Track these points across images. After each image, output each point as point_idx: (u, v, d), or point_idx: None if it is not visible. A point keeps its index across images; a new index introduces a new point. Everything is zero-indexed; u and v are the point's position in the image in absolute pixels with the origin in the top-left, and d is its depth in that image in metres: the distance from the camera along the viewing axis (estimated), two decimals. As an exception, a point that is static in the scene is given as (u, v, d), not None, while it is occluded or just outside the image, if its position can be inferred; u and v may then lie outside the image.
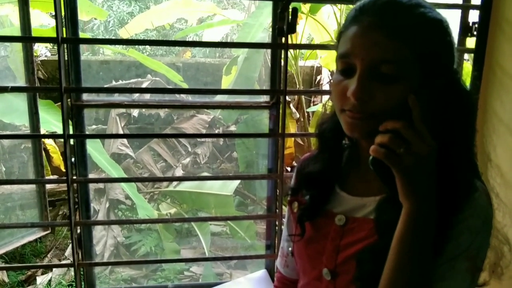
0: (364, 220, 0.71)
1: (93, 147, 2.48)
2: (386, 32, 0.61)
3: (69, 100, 1.31)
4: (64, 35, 1.25)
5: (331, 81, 0.70)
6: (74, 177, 1.35)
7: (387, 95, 0.62)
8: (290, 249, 0.86)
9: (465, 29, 1.41)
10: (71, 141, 1.34)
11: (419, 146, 0.58)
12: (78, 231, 1.40)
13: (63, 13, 1.24)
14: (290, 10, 1.27)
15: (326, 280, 0.74)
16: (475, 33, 1.39)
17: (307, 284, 0.80)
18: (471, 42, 1.43)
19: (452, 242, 0.63)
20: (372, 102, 0.62)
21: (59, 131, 2.27)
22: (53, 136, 2.41)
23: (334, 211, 0.75)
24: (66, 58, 1.27)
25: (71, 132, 1.32)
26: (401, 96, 0.62)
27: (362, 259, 0.67)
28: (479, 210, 0.64)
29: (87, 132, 1.43)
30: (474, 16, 1.40)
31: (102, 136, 3.30)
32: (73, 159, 1.34)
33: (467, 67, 1.77)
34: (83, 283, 1.46)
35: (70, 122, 1.33)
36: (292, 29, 1.29)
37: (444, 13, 0.66)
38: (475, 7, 1.39)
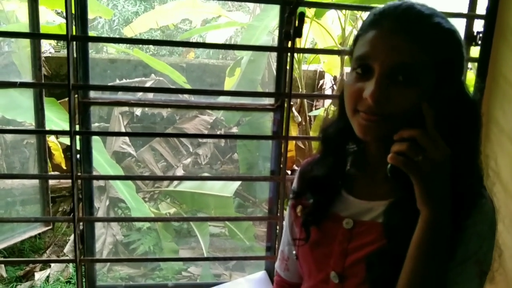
0: (372, 224, 0.72)
1: (93, 147, 2.47)
2: (406, 36, 0.62)
3: (76, 96, 1.32)
4: (74, 33, 1.26)
5: (345, 82, 0.70)
6: (79, 174, 1.36)
7: (403, 99, 0.63)
8: (294, 252, 0.86)
9: (470, 38, 1.43)
10: (77, 138, 1.36)
11: (435, 153, 0.59)
12: (81, 227, 1.41)
13: (73, 11, 1.25)
14: (297, 14, 1.29)
15: (333, 283, 0.74)
16: (479, 42, 1.41)
17: (313, 287, 0.80)
18: (475, 51, 1.44)
19: (462, 247, 0.64)
20: (388, 104, 0.63)
21: (61, 129, 2.28)
22: (59, 132, 2.42)
23: (341, 214, 0.76)
24: (74, 56, 1.28)
25: (77, 129, 1.34)
26: (416, 101, 0.63)
27: (372, 262, 0.68)
28: (485, 216, 0.66)
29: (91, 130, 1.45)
30: (478, 25, 1.42)
31: (108, 133, 3.31)
32: (78, 156, 1.36)
33: (470, 76, 1.78)
34: (84, 279, 1.47)
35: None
36: (298, 33, 1.30)
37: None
38: (480, 16, 1.41)
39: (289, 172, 3.25)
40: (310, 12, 3.16)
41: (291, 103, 3.52)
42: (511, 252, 1.21)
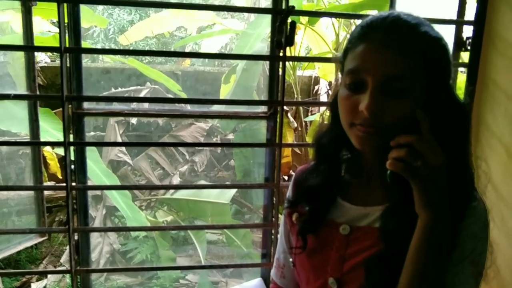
0: (369, 229, 0.73)
1: (88, 156, 2.46)
2: (396, 49, 0.64)
3: (70, 107, 1.33)
4: (67, 44, 1.27)
5: (339, 95, 0.71)
6: (73, 184, 1.37)
7: (398, 110, 0.65)
8: (291, 260, 0.86)
9: (459, 43, 1.45)
10: (71, 149, 1.36)
11: (433, 158, 0.61)
12: (76, 237, 1.41)
13: (66, 22, 1.26)
14: (289, 23, 1.30)
15: None
16: (468, 47, 1.43)
17: None
18: (464, 57, 1.46)
19: (458, 248, 0.66)
20: (384, 116, 0.65)
21: (56, 139, 2.28)
22: (54, 143, 2.42)
23: (337, 221, 0.76)
24: (68, 66, 1.29)
25: (71, 139, 1.34)
26: (410, 110, 0.64)
27: (371, 267, 0.69)
28: (478, 217, 0.68)
29: (86, 140, 1.45)
30: (468, 31, 1.44)
31: (102, 144, 3.31)
32: (72, 166, 1.36)
33: (461, 80, 1.80)
34: (79, 289, 1.47)
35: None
36: (290, 42, 1.32)
37: (439, 28, 0.69)
38: (469, 22, 1.43)
39: (285, 177, 3.26)
40: (304, 18, 3.18)
41: (286, 109, 3.52)
42: (503, 250, 1.22)
